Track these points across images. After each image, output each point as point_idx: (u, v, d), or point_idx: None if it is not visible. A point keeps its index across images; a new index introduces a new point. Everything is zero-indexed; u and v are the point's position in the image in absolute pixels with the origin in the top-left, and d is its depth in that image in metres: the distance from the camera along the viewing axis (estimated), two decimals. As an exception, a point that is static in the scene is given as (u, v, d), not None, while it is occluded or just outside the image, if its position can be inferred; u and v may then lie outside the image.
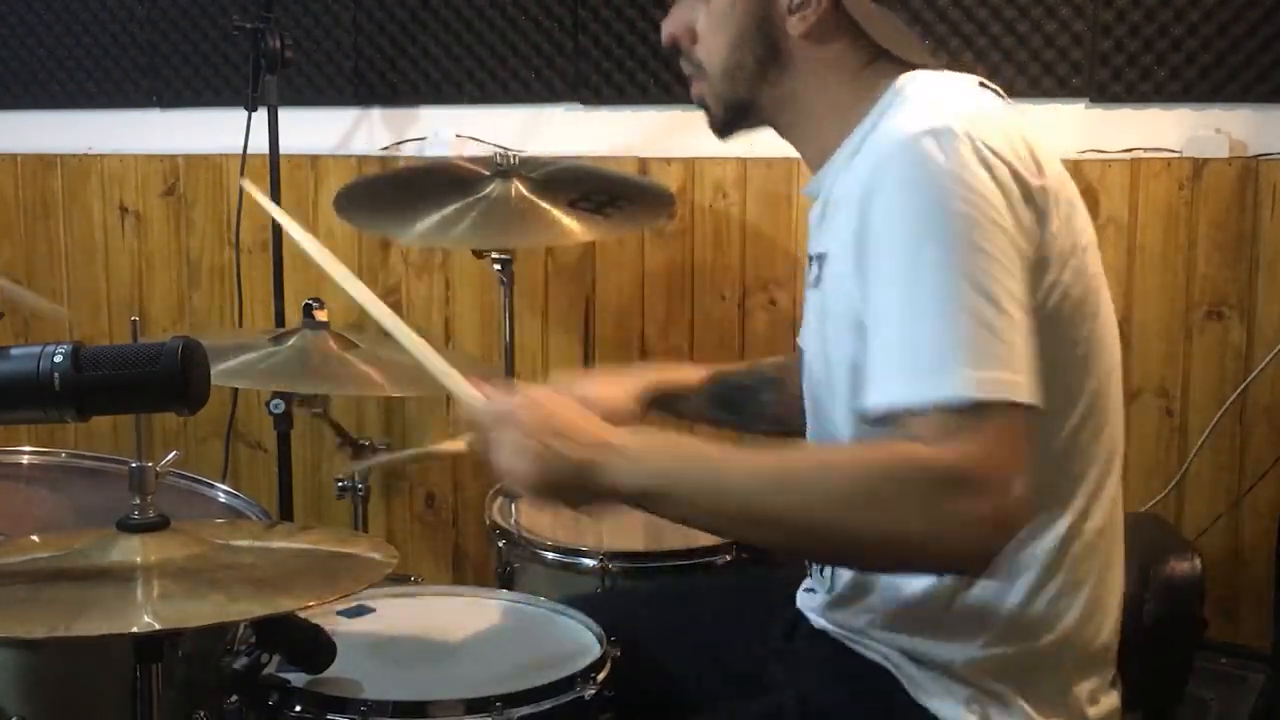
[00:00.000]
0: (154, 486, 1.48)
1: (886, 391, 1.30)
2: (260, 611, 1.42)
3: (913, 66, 1.52)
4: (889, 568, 1.44)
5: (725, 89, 1.57)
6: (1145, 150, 2.71)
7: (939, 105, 1.40)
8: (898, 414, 1.29)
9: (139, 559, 1.44)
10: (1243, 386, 2.68)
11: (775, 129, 1.62)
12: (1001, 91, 1.51)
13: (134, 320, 1.44)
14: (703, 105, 1.62)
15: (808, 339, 1.60)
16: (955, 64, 2.68)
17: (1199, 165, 2.68)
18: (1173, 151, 2.70)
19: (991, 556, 1.28)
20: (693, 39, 1.58)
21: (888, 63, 1.52)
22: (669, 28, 1.60)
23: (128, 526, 1.47)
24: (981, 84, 1.50)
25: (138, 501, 1.47)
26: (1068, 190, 1.42)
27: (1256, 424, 2.70)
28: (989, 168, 1.32)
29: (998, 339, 1.28)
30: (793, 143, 1.62)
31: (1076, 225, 1.42)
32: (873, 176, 1.37)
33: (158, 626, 1.34)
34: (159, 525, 1.48)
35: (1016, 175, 1.34)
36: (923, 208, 1.31)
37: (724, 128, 1.63)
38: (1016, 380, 1.28)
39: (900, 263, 1.32)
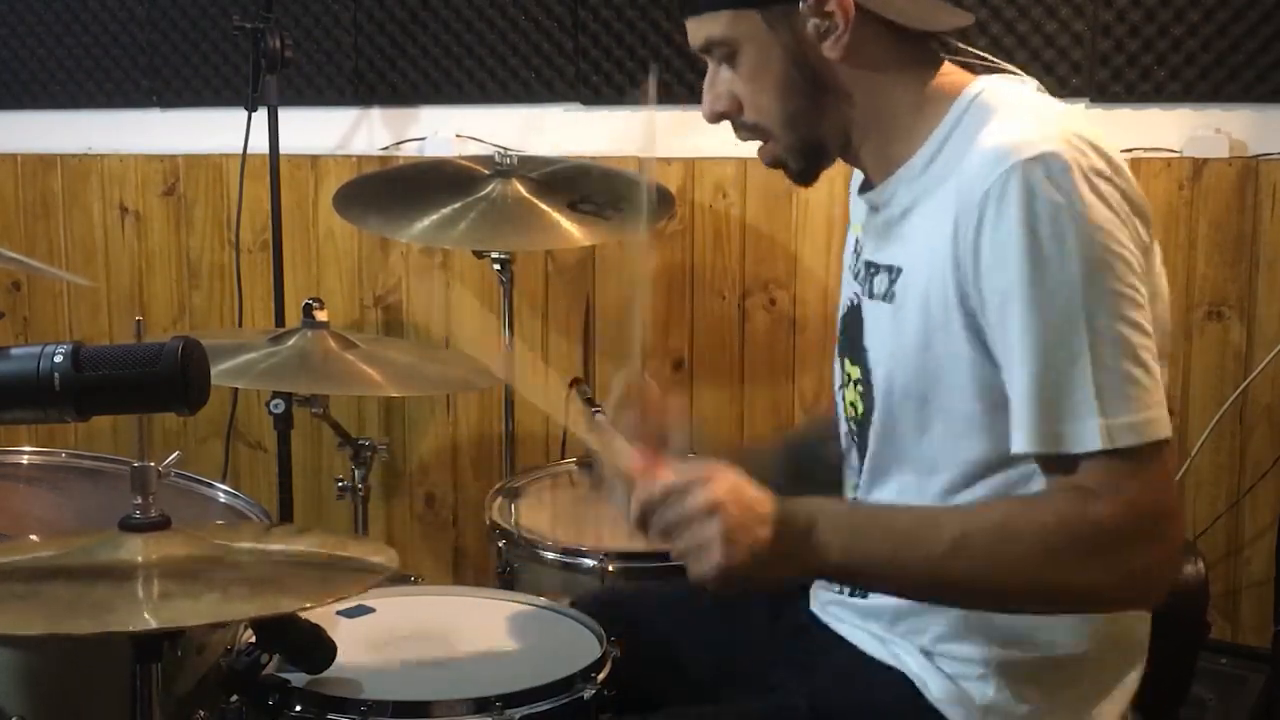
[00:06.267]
0: (156, 486, 1.48)
1: (1031, 439, 1.34)
2: (259, 612, 1.42)
3: (951, 50, 1.52)
4: (1074, 613, 1.46)
5: (792, 139, 1.53)
6: (1145, 150, 2.71)
7: (1034, 120, 1.40)
8: (1049, 459, 1.35)
9: (140, 558, 1.43)
10: (1243, 386, 2.68)
11: (842, 157, 1.57)
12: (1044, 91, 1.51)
13: (138, 320, 1.44)
14: (776, 164, 1.56)
15: (880, 350, 1.54)
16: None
17: (1199, 165, 2.68)
18: (1173, 151, 2.70)
19: (1168, 585, 1.37)
20: (738, 107, 1.53)
21: (932, 59, 1.50)
22: (710, 106, 1.54)
23: (129, 526, 1.47)
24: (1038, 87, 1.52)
25: (139, 501, 1.47)
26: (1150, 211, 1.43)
27: (1256, 424, 2.70)
28: (1101, 196, 1.34)
29: (1134, 380, 1.32)
30: (854, 162, 1.58)
31: (1158, 252, 1.44)
32: (977, 201, 1.36)
33: (155, 625, 1.34)
34: (161, 525, 1.48)
35: (1125, 196, 1.36)
36: (1044, 248, 1.32)
37: (806, 176, 1.57)
38: (1156, 418, 1.33)
39: (1028, 307, 1.33)
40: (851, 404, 1.62)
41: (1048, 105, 1.47)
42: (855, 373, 1.60)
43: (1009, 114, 1.43)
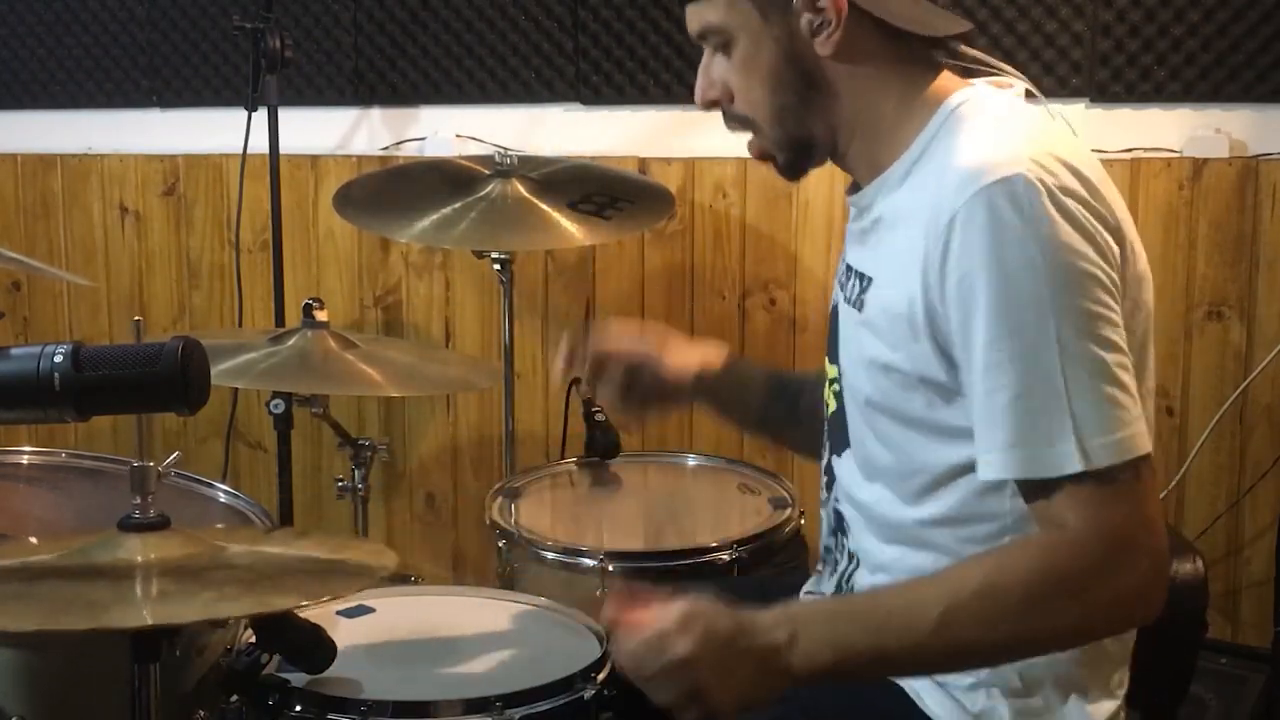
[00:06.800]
0: (155, 486, 1.48)
1: (1004, 465, 1.34)
2: (256, 609, 1.41)
3: (952, 55, 1.51)
4: (1066, 649, 1.45)
5: (779, 134, 1.53)
6: (1145, 150, 2.71)
7: (1005, 138, 1.39)
8: (1024, 485, 1.34)
9: (139, 558, 1.43)
10: (1243, 386, 2.68)
11: (832, 159, 1.57)
12: (1039, 95, 1.50)
13: (138, 320, 1.44)
14: (764, 157, 1.57)
15: (847, 354, 1.56)
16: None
17: (1199, 165, 2.68)
18: (1173, 151, 2.70)
19: (1160, 604, 1.35)
20: (729, 96, 1.53)
21: (929, 65, 1.50)
22: (703, 93, 1.55)
23: (128, 526, 1.47)
24: (1029, 92, 1.50)
25: (138, 501, 1.47)
26: (1128, 221, 1.42)
27: (1256, 424, 2.70)
28: (1068, 215, 1.33)
29: (1109, 399, 1.32)
30: (845, 166, 1.58)
31: (1140, 260, 1.44)
32: (944, 226, 1.35)
33: (151, 622, 1.33)
34: (160, 525, 1.47)
35: (1095, 213, 1.35)
36: (1011, 271, 1.31)
37: (793, 171, 1.57)
38: (1133, 435, 1.32)
39: (997, 333, 1.32)
40: (827, 402, 1.64)
41: (1025, 118, 1.46)
42: (833, 372, 1.62)
43: (981, 130, 1.42)
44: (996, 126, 1.43)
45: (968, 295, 1.34)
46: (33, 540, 1.62)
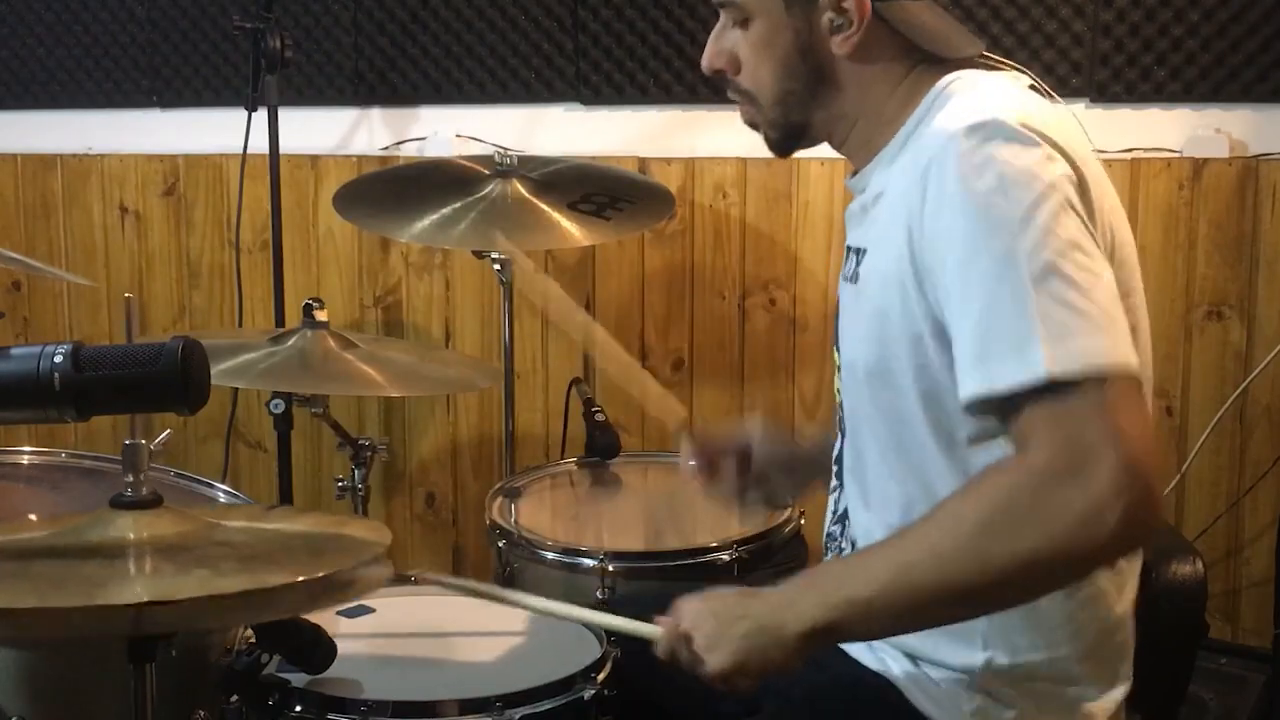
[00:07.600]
0: (147, 465, 1.47)
1: (967, 384, 1.31)
2: (251, 585, 1.40)
3: (961, 64, 1.51)
4: (1048, 586, 1.37)
5: (777, 116, 1.55)
6: (1145, 150, 2.71)
7: (986, 99, 1.41)
8: (988, 403, 1.30)
9: (131, 535, 1.42)
10: (1243, 386, 2.69)
11: (828, 143, 1.60)
12: (1053, 94, 1.50)
13: (128, 296, 1.43)
14: (753, 126, 1.59)
15: (847, 332, 1.58)
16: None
17: (1199, 165, 2.68)
18: (1173, 151, 2.70)
19: (1140, 522, 1.24)
20: (736, 68, 1.55)
21: (936, 64, 1.51)
22: (710, 60, 1.57)
23: (120, 504, 1.45)
24: (1031, 86, 1.51)
25: (130, 479, 1.46)
26: (1110, 195, 1.42)
27: (1256, 424, 2.70)
28: (1044, 154, 1.33)
29: (1077, 310, 1.27)
30: (842, 150, 1.60)
31: (1125, 247, 1.43)
32: (923, 173, 1.37)
33: (145, 598, 1.32)
34: (152, 503, 1.46)
35: (1070, 160, 1.35)
36: (980, 195, 1.31)
37: (782, 149, 1.60)
38: (1104, 345, 1.26)
39: (966, 255, 1.31)
40: (837, 390, 1.64)
41: (1012, 89, 1.47)
42: (837, 358, 1.63)
43: (967, 95, 1.44)
44: (982, 94, 1.44)
45: (943, 226, 1.34)
46: (32, 518, 1.61)
